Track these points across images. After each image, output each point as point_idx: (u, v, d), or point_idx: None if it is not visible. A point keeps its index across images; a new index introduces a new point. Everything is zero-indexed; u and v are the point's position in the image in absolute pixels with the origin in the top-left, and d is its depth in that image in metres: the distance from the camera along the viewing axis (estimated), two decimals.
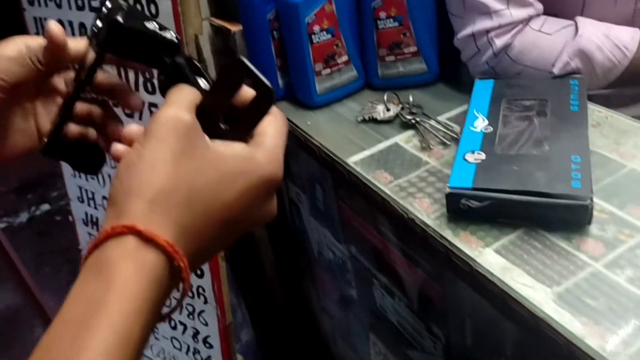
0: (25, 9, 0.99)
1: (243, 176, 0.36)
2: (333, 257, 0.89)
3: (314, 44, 0.76)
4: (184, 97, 0.37)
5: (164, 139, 0.35)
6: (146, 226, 0.33)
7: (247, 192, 0.37)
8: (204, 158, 0.36)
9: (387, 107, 0.76)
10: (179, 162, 0.35)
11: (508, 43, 0.70)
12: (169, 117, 0.36)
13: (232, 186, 0.36)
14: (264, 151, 0.37)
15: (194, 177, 0.35)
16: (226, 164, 0.36)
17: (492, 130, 0.63)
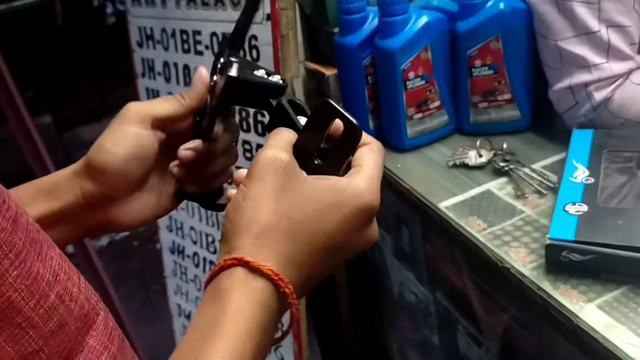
0: (134, 50, 1.08)
1: (339, 207, 0.38)
2: (415, 300, 0.88)
3: (408, 89, 0.78)
4: (281, 138, 0.40)
5: (264, 178, 0.38)
6: (253, 258, 0.36)
7: (345, 222, 0.38)
8: (301, 193, 0.38)
9: (480, 153, 0.76)
10: (279, 198, 0.38)
11: (608, 97, 0.69)
12: (267, 157, 0.38)
13: (330, 217, 0.38)
14: (359, 181, 0.39)
15: (293, 211, 0.38)
16: (322, 197, 0.38)
17: (594, 182, 0.62)
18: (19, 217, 0.29)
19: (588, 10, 0.68)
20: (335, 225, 0.38)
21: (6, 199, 0.29)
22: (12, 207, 0.29)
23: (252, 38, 0.84)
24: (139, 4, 1.03)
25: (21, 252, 0.28)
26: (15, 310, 0.28)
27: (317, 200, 0.38)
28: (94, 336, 0.32)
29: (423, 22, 0.75)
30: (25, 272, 0.28)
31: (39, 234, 0.31)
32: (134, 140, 0.45)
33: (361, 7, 0.78)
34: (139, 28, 1.04)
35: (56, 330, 0.29)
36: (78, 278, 0.33)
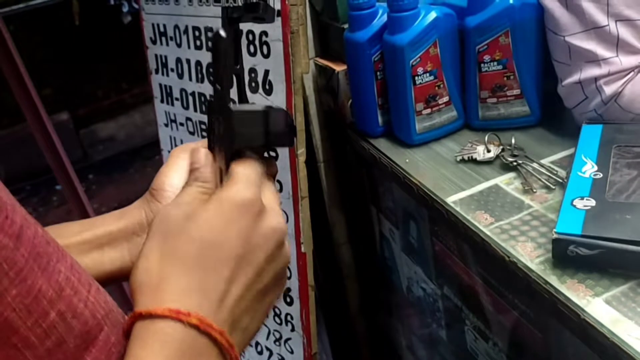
0: (148, 46, 1.09)
1: (219, 216, 0.37)
2: (423, 294, 0.89)
3: (417, 85, 0.78)
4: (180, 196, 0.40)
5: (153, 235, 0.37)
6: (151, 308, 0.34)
7: (230, 226, 0.36)
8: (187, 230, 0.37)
9: (488, 148, 0.76)
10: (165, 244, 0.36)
11: (618, 91, 0.69)
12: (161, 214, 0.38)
13: (215, 231, 0.36)
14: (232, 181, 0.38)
15: (179, 248, 0.36)
16: (204, 218, 0.37)
17: (602, 177, 0.62)
18: (23, 231, 0.28)
19: (596, 5, 0.68)
20: (223, 235, 0.36)
21: (9, 214, 0.28)
22: (17, 221, 0.28)
23: (263, 34, 0.85)
24: (152, 2, 1.04)
25: (23, 269, 0.28)
26: (11, 331, 0.27)
27: (202, 222, 0.37)
28: (92, 352, 0.31)
29: (432, 18, 0.75)
30: (25, 290, 0.28)
31: (48, 247, 0.30)
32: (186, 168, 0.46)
33: (370, 3, 0.78)
34: (153, 25, 1.06)
35: (53, 349, 0.29)
36: (87, 291, 0.32)
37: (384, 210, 0.93)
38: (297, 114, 0.86)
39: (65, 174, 1.74)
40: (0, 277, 0.26)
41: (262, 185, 0.40)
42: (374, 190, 0.95)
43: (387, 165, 0.82)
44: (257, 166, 0.41)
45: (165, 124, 1.11)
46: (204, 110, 0.99)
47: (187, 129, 1.06)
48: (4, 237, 0.27)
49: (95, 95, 3.44)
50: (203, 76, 0.97)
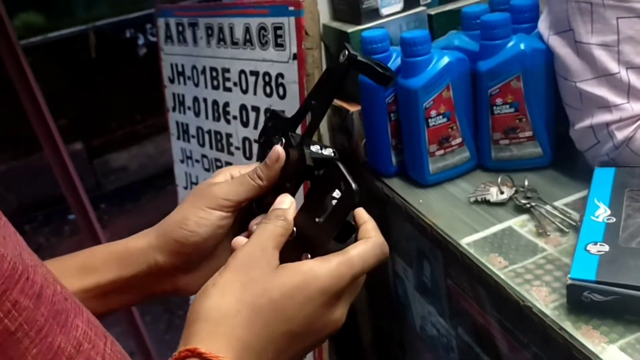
0: (166, 85, 1.12)
1: (301, 289, 0.40)
2: (437, 334, 0.88)
3: (430, 127, 0.79)
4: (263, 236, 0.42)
5: (236, 270, 0.40)
6: (208, 348, 0.36)
7: (306, 304, 0.39)
8: (269, 280, 0.40)
9: (501, 190, 0.77)
10: (246, 288, 0.39)
11: (629, 136, 0.70)
12: (243, 254, 0.41)
13: (292, 300, 0.39)
14: (327, 266, 0.41)
15: (257, 298, 0.39)
16: (286, 280, 0.40)
17: (615, 221, 0.62)
18: (44, 291, 0.29)
19: (607, 53, 0.69)
20: (297, 307, 0.39)
21: (30, 275, 0.29)
22: (37, 281, 0.29)
23: (279, 76, 0.88)
24: (171, 43, 1.07)
25: (43, 328, 0.28)
26: None
27: (282, 285, 0.40)
28: None
29: (445, 63, 0.77)
30: (45, 348, 0.28)
31: (67, 303, 0.31)
32: (216, 222, 0.48)
33: (384, 47, 0.81)
34: (171, 65, 1.09)
35: None
36: (104, 343, 0.33)
37: (398, 249, 0.94)
38: None
39: (80, 205, 1.76)
40: (21, 338, 0.27)
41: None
42: (387, 229, 0.96)
43: (400, 205, 0.83)
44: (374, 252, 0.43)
45: (182, 161, 1.13)
46: (219, 147, 1.02)
47: (203, 166, 1.08)
48: (25, 298, 0.28)
49: (109, 125, 3.50)
50: (219, 115, 1.00)
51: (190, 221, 0.48)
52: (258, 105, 0.92)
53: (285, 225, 0.44)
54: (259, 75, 0.90)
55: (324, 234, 0.42)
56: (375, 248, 0.44)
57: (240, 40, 0.92)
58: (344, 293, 0.42)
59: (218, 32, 0.96)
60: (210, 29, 0.97)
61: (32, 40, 3.29)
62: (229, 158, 1.00)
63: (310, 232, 0.42)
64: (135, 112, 3.48)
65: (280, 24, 0.85)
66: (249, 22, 0.89)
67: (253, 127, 0.94)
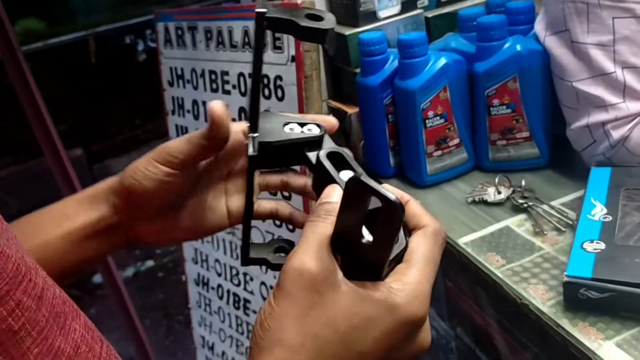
0: (165, 89, 1.13)
1: (376, 322, 0.34)
2: (436, 335, 0.89)
3: (427, 128, 0.80)
4: (312, 240, 0.36)
5: (291, 293, 0.35)
6: None
7: (384, 338, 0.35)
8: (332, 308, 0.34)
9: (498, 190, 0.77)
10: (307, 315, 0.35)
11: (625, 135, 0.70)
12: (294, 268, 0.35)
13: (366, 334, 0.34)
14: (403, 288, 0.35)
15: (322, 329, 0.34)
16: (356, 310, 0.35)
17: (611, 220, 0.63)
18: (45, 292, 0.30)
19: (603, 52, 0.70)
20: (371, 342, 0.34)
21: (32, 277, 0.29)
22: (39, 283, 0.29)
23: (277, 78, 0.88)
24: (170, 46, 1.08)
25: (44, 329, 0.29)
26: None
27: (351, 316, 0.34)
28: None
29: (441, 64, 0.78)
30: (46, 348, 0.28)
31: (65, 306, 0.31)
32: (161, 177, 0.48)
33: (382, 50, 0.81)
34: (170, 68, 1.09)
35: None
36: (100, 347, 0.33)
37: None
38: None
39: None
40: (24, 337, 0.27)
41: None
42: None
43: None
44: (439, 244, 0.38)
45: None
46: None
47: None
48: (28, 299, 0.28)
49: (109, 131, 3.51)
50: None
51: (139, 171, 0.48)
52: None
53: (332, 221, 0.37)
54: None
55: (380, 255, 0.35)
56: (437, 238, 0.38)
57: (239, 43, 0.93)
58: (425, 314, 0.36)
59: (217, 36, 0.96)
60: (209, 32, 0.98)
61: (33, 46, 3.30)
62: None
63: (358, 252, 0.35)
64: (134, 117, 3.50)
65: None
66: (247, 25, 0.90)
67: None
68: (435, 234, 0.39)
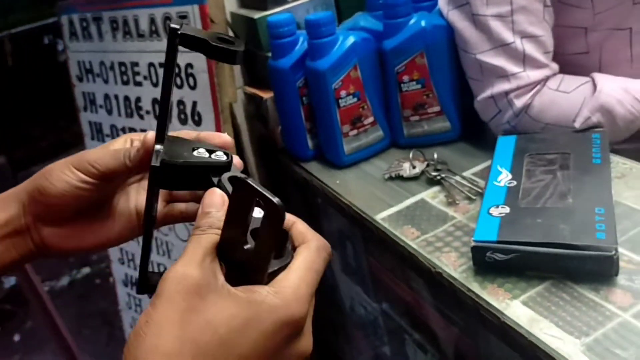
0: (74, 84, 1.08)
1: (255, 323, 0.34)
2: (365, 313, 0.90)
3: (341, 107, 0.80)
4: (195, 250, 0.36)
5: (172, 299, 0.34)
6: None
7: (263, 340, 0.34)
8: (212, 311, 0.34)
9: (413, 165, 0.78)
10: (186, 320, 0.34)
11: (527, 103, 0.73)
12: (177, 275, 0.35)
13: (245, 336, 0.34)
14: (281, 291, 0.35)
15: (201, 333, 0.33)
16: (235, 314, 0.34)
17: (516, 185, 0.65)
18: None
19: (502, 23, 0.72)
20: (251, 345, 0.34)
21: None
22: None
23: (188, 66, 0.86)
24: (76, 39, 1.03)
25: None
26: None
27: (230, 318, 0.34)
28: None
29: (350, 42, 0.78)
30: None
31: None
32: (75, 183, 0.45)
33: (291, 31, 0.81)
34: (78, 62, 1.05)
35: None
36: None
37: (322, 233, 0.94)
38: None
39: None
40: None
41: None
42: (310, 213, 0.96)
43: (319, 187, 0.83)
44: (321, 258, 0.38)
45: None
46: None
47: None
48: None
49: (32, 135, 3.34)
50: (132, 111, 0.97)
51: (54, 173, 0.45)
52: None
53: (218, 233, 0.37)
54: None
55: (260, 260, 0.36)
56: (319, 252, 0.39)
57: (146, 32, 0.90)
58: (306, 316, 0.36)
59: (123, 25, 0.93)
60: (115, 22, 0.94)
61: None
62: None
63: (241, 258, 0.36)
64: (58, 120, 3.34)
65: (184, 12, 0.83)
66: (153, 13, 0.87)
67: None
68: (318, 248, 0.39)
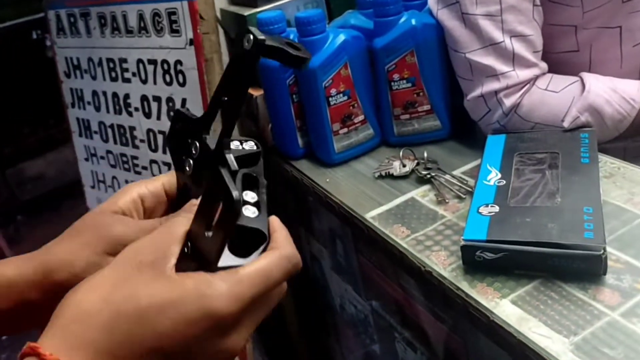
0: (62, 81, 1.07)
1: (177, 306, 0.33)
2: (355, 311, 0.90)
3: (331, 105, 0.80)
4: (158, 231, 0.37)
5: (115, 265, 0.35)
6: (54, 347, 0.32)
7: (184, 324, 0.33)
8: (142, 285, 0.34)
9: (403, 163, 0.78)
10: (116, 287, 0.34)
11: (517, 102, 0.73)
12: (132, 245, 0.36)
13: (164, 316, 0.33)
14: (216, 283, 0.34)
15: (124, 302, 0.33)
16: (162, 292, 0.34)
17: (505, 184, 0.65)
18: None
19: (491, 22, 0.72)
20: (169, 325, 0.33)
21: None
22: None
23: (178, 63, 0.85)
24: (64, 35, 1.02)
25: None
26: None
27: (156, 295, 0.34)
28: None
29: (341, 40, 0.78)
30: None
31: None
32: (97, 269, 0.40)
33: (281, 29, 0.80)
34: (66, 58, 1.04)
35: None
36: None
37: (312, 231, 0.94)
38: None
39: None
40: None
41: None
42: (300, 212, 0.96)
43: (309, 185, 0.83)
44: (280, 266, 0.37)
45: (86, 159, 1.09)
46: (124, 142, 0.98)
47: (109, 162, 1.03)
48: None
49: (20, 132, 3.31)
50: (121, 107, 0.96)
51: (78, 265, 0.41)
52: (159, 94, 0.89)
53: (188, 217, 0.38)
54: (157, 63, 0.88)
55: (212, 249, 0.36)
56: (281, 260, 0.37)
57: (135, 28, 0.89)
58: (242, 317, 0.35)
59: (111, 21, 0.92)
60: (103, 18, 0.93)
61: None
62: (135, 152, 0.97)
63: (202, 247, 0.36)
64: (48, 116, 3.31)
65: (173, 8, 0.82)
66: (142, 9, 0.86)
67: (156, 117, 0.91)
68: (282, 256, 0.38)
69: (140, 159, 0.96)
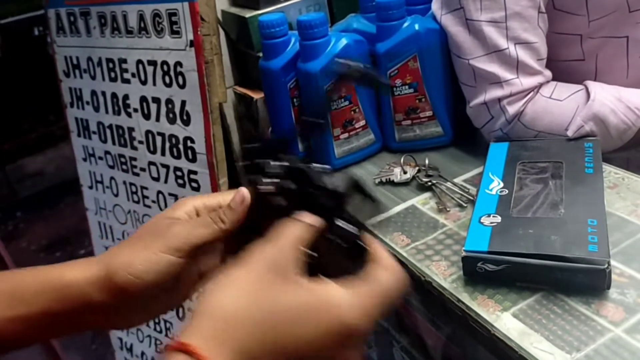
0: (61, 80, 1.06)
1: (321, 316, 0.36)
2: None
3: (333, 110, 0.79)
4: (285, 233, 0.39)
5: (254, 269, 0.36)
6: (206, 346, 0.33)
7: (322, 333, 0.36)
8: (288, 290, 0.36)
9: (404, 170, 0.77)
10: (262, 290, 0.36)
11: (520, 110, 0.72)
12: (266, 252, 0.37)
13: (308, 323, 0.36)
14: (354, 299, 0.37)
15: (272, 307, 0.35)
16: (308, 300, 0.36)
17: (508, 193, 0.64)
18: None
19: (496, 29, 0.71)
20: (311, 329, 0.36)
21: None
22: None
23: (177, 65, 0.84)
24: (64, 34, 1.01)
25: None
26: None
27: (301, 303, 0.36)
28: None
29: (342, 45, 0.77)
30: None
31: None
32: (166, 269, 0.42)
33: (283, 32, 0.79)
34: (65, 58, 1.03)
35: None
36: None
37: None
38: (217, 144, 0.85)
39: None
40: None
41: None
42: None
43: None
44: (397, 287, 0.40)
45: (84, 159, 1.08)
46: (122, 142, 0.97)
47: (107, 163, 1.02)
48: None
49: (21, 128, 3.30)
50: (120, 108, 0.95)
51: (139, 266, 0.42)
52: (158, 96, 0.88)
53: (311, 231, 0.39)
54: (157, 64, 0.87)
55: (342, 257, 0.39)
56: (399, 282, 0.40)
57: (135, 28, 0.88)
58: (366, 332, 0.38)
59: (111, 21, 0.91)
60: (103, 17, 0.92)
61: None
62: (133, 153, 0.96)
63: (322, 253, 0.39)
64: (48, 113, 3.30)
65: (174, 9, 0.81)
66: (142, 9, 0.85)
67: (155, 119, 0.90)
68: (400, 280, 0.40)
69: (138, 160, 0.95)
